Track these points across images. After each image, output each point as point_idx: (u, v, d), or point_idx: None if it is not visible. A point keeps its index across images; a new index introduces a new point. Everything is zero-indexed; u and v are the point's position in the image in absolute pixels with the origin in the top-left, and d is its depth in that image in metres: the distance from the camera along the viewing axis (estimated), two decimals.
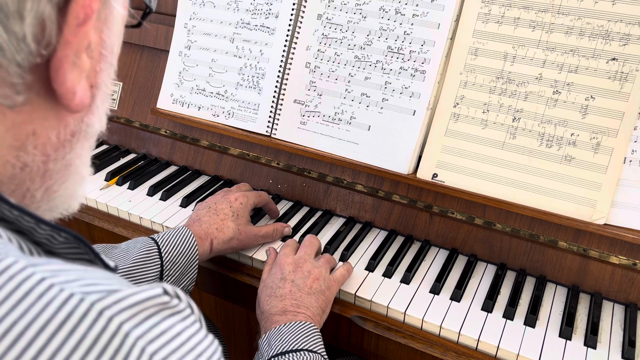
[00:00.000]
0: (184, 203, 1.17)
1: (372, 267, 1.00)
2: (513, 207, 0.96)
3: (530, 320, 0.89)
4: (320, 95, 1.12)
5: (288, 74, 1.15)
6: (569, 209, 0.93)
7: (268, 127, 1.17)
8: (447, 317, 0.90)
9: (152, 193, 1.21)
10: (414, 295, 0.95)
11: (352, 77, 1.09)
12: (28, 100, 0.37)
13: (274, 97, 1.16)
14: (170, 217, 1.14)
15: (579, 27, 0.92)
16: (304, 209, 1.18)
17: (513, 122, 0.97)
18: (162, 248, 0.90)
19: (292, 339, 0.79)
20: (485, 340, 0.86)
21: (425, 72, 1.03)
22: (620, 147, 0.90)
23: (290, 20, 1.15)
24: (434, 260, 1.04)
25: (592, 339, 0.86)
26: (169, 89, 1.27)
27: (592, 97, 0.92)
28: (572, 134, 0.94)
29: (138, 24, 0.47)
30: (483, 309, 0.92)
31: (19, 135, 0.38)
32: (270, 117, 1.17)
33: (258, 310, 0.89)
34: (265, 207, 1.12)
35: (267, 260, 0.96)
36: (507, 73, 0.98)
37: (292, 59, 1.14)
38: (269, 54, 1.17)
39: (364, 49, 1.08)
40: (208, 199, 1.04)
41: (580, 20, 0.92)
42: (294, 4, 1.15)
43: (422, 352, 0.89)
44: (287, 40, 1.16)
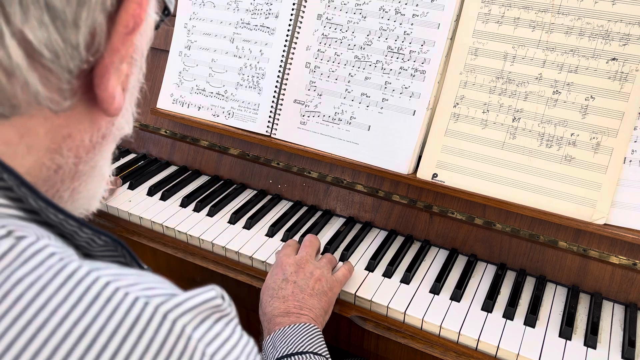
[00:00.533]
0: (184, 203, 1.17)
1: (372, 267, 1.00)
2: (513, 207, 0.96)
3: (530, 320, 0.89)
4: (320, 95, 1.12)
5: (288, 74, 1.15)
6: (569, 209, 0.93)
7: (268, 127, 1.17)
8: (447, 317, 0.90)
9: (152, 193, 1.21)
10: (414, 295, 0.95)
11: (352, 77, 1.09)
12: (73, 105, 0.38)
13: (274, 97, 1.16)
14: (170, 217, 1.14)
15: (579, 27, 0.92)
16: (304, 209, 1.18)
17: (513, 122, 0.97)
18: None
19: (296, 342, 0.79)
20: (485, 340, 0.86)
21: (425, 72, 1.03)
22: (620, 147, 0.90)
23: (290, 20, 1.15)
24: (434, 260, 1.04)
25: (592, 339, 0.86)
26: (169, 89, 1.27)
27: (592, 97, 0.92)
28: (572, 134, 0.93)
29: (156, 27, 0.48)
30: (483, 309, 0.92)
31: (56, 139, 0.39)
32: (270, 117, 1.17)
33: (260, 312, 0.89)
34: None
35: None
36: (507, 73, 0.97)
37: (292, 59, 1.14)
38: (269, 54, 1.17)
39: (364, 49, 1.08)
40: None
41: (580, 20, 0.92)
42: (294, 4, 1.15)
43: (422, 352, 0.89)
44: (287, 40, 1.16)
